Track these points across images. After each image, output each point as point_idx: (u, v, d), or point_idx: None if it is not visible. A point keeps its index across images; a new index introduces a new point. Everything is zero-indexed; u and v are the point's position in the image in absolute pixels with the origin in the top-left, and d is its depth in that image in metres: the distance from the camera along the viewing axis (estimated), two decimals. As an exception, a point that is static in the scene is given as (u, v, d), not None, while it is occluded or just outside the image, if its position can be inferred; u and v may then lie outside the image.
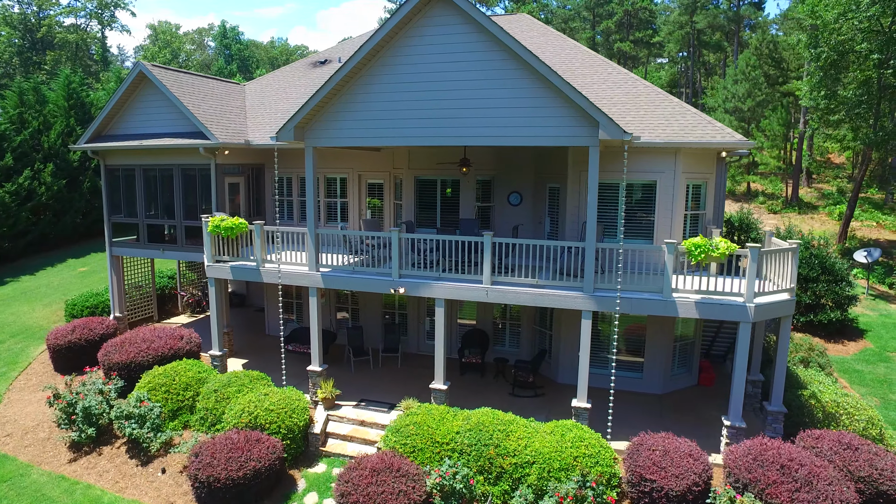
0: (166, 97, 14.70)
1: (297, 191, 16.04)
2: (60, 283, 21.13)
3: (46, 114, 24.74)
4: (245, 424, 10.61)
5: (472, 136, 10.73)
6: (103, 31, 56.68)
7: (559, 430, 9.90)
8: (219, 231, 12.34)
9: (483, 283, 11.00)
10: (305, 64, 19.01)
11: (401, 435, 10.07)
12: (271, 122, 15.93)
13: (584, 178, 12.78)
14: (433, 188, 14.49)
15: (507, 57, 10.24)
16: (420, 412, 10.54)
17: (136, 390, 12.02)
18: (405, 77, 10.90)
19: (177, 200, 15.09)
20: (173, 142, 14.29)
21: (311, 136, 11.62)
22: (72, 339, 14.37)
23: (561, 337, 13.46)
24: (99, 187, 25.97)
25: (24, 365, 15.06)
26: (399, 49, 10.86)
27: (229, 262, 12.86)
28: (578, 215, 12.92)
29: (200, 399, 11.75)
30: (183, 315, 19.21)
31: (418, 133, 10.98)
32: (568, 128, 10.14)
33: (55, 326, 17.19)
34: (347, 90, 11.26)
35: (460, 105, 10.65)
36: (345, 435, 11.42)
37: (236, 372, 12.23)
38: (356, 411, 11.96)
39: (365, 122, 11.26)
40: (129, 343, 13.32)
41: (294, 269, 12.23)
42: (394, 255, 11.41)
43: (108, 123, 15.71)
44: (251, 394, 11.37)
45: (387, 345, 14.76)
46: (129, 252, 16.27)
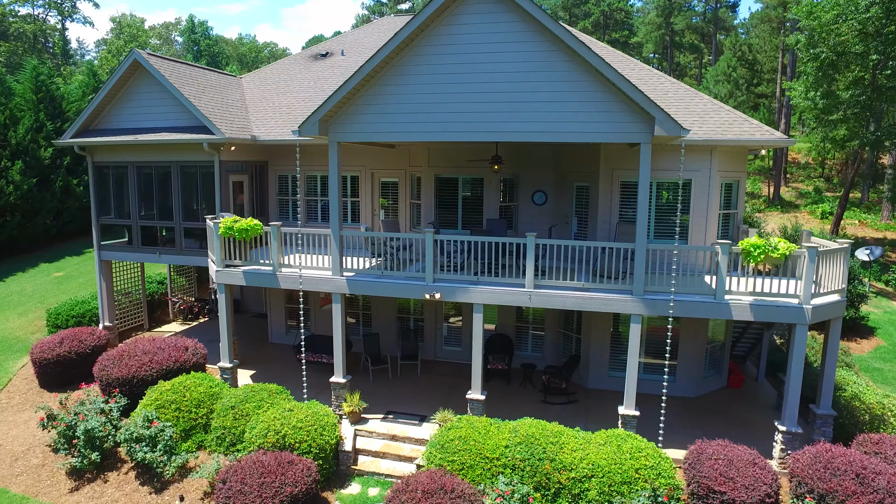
0: (164, 89, 13.58)
1: (303, 190, 15.11)
2: (35, 290, 19.51)
3: (13, 107, 22.86)
4: (272, 444, 9.74)
5: (512, 132, 10.13)
6: (63, 22, 53.59)
7: (613, 440, 9.42)
8: (232, 233, 11.37)
9: (525, 287, 10.42)
10: (305, 57, 18.04)
11: (446, 451, 9.39)
12: (275, 116, 14.96)
13: (616, 177, 12.37)
14: (454, 187, 13.82)
15: (554, 48, 9.68)
16: (462, 425, 9.88)
17: (141, 408, 10.96)
18: (440, 68, 10.21)
19: (175, 200, 13.98)
20: (174, 136, 13.19)
21: (335, 131, 10.80)
22: (60, 352, 13.10)
23: (591, 341, 13.02)
24: (72, 187, 24.24)
25: (4, 382, 13.68)
26: (434, 38, 10.16)
27: (241, 267, 11.89)
28: (610, 215, 12.50)
29: (215, 417, 10.79)
30: (175, 322, 17.98)
31: (453, 128, 10.31)
32: (619, 123, 9.66)
33: (39, 338, 15.81)
34: (376, 82, 10.50)
35: (500, 99, 10.03)
36: (376, 451, 10.66)
37: (252, 386, 11.30)
38: (385, 425, 11.21)
39: (394, 115, 10.52)
40: (128, 356, 12.19)
41: (315, 274, 11.38)
42: (428, 258, 10.70)
43: (97, 117, 14.45)
44: (272, 410, 10.49)
45: (404, 352, 14.01)
46: (120, 256, 15.02)
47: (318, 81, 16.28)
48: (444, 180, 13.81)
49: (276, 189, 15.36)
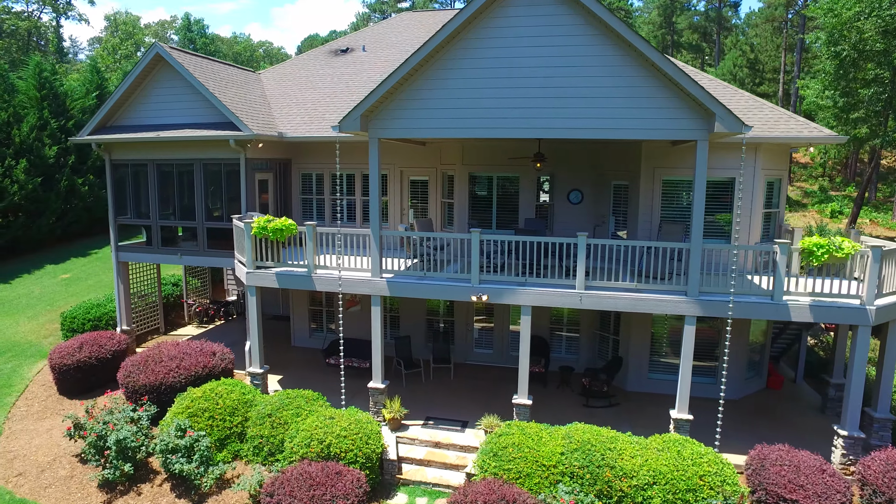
0: (187, 84, 13.09)
1: (328, 188, 14.68)
2: (43, 293, 18.91)
3: (16, 105, 22.18)
4: (316, 454, 9.32)
5: (560, 129, 9.77)
6: (58, 19, 52.55)
7: (672, 445, 9.10)
8: (265, 233, 10.93)
9: (576, 289, 10.08)
10: (324, 52, 17.60)
11: (500, 459, 9.02)
12: (300, 113, 14.52)
13: (658, 176, 12.08)
14: (488, 186, 13.46)
15: (608, 41, 9.35)
16: (514, 432, 9.52)
17: (171, 416, 10.49)
18: (486, 62, 9.83)
19: (198, 199, 13.49)
20: (199, 133, 12.71)
21: (376, 127, 10.40)
22: (80, 357, 12.58)
23: (630, 342, 12.71)
24: (77, 186, 23.60)
25: (20, 388, 13.13)
26: (481, 31, 9.79)
27: (274, 269, 11.44)
28: (651, 215, 12.20)
29: (251, 425, 10.35)
30: (190, 325, 17.48)
31: (499, 124, 9.94)
32: (675, 120, 9.34)
33: (52, 343, 15.28)
34: (420, 76, 10.11)
35: (549, 94, 9.68)
36: (420, 459, 10.27)
37: (287, 392, 10.87)
38: (426, 431, 10.83)
39: (438, 111, 10.13)
40: (154, 361, 11.71)
41: (353, 276, 10.96)
42: (474, 258, 10.33)
43: (115, 113, 13.94)
44: (312, 418, 10.06)
45: (436, 355, 13.63)
46: (138, 257, 14.50)
47: (342, 77, 15.85)
48: (479, 179, 13.45)
49: (300, 188, 14.91)
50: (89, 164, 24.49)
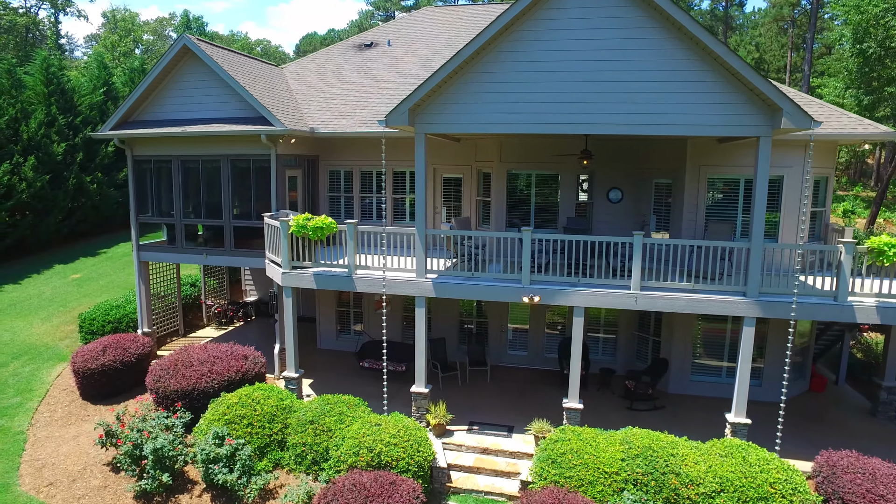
0: (214, 77, 12.64)
1: (357, 186, 14.25)
2: (54, 293, 18.35)
3: (24, 101, 21.56)
4: (366, 463, 8.92)
5: (614, 125, 9.43)
6: (56, 15, 51.66)
7: (735, 451, 8.77)
8: (304, 232, 10.51)
9: (631, 290, 9.73)
10: (348, 47, 17.17)
11: (560, 466, 8.66)
12: (329, 108, 14.08)
13: (703, 174, 11.77)
14: (527, 183, 13.10)
15: (667, 34, 9.01)
16: (570, 437, 9.17)
17: (205, 423, 10.06)
18: (539, 55, 9.47)
19: (224, 197, 13.04)
20: (229, 128, 12.26)
21: (422, 122, 10.00)
22: (104, 361, 12.10)
23: (672, 344, 12.39)
24: (85, 184, 23.00)
25: (41, 393, 12.63)
26: (534, 24, 9.42)
27: (311, 269, 11.02)
28: (696, 214, 11.88)
29: (292, 432, 9.92)
30: (209, 327, 17.00)
31: (551, 119, 9.59)
32: (737, 115, 9.02)
33: (69, 345, 14.76)
34: (470, 69, 9.72)
35: (603, 89, 9.34)
36: (469, 466, 9.88)
37: (327, 397, 10.46)
38: (472, 437, 10.45)
39: (487, 105, 9.76)
40: (184, 365, 11.25)
41: (396, 276, 10.56)
42: (525, 258, 9.96)
43: (137, 108, 13.46)
44: (356, 424, 9.66)
45: (472, 357, 13.25)
46: (160, 257, 14.02)
47: (369, 72, 15.43)
48: (517, 176, 13.08)
49: (327, 185, 14.48)
50: (97, 161, 23.90)
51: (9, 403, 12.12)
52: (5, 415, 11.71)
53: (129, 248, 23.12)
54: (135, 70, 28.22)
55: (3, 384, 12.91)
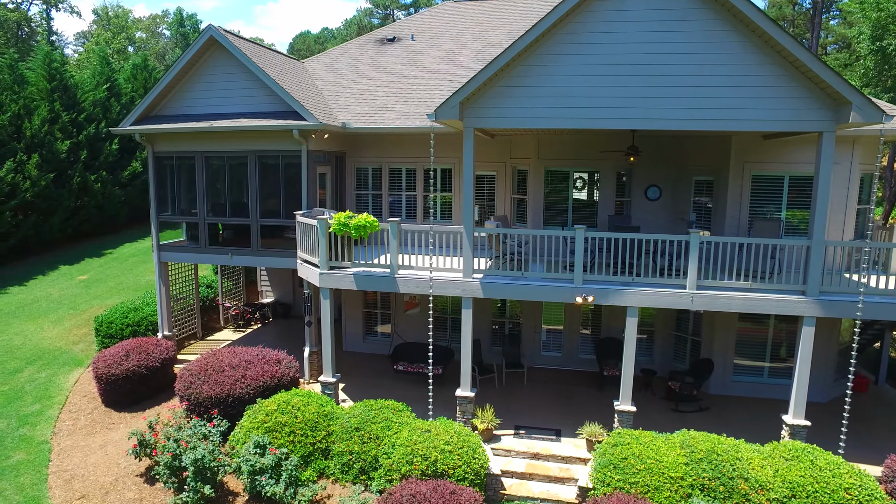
0: (243, 70, 12.18)
1: (386, 183, 13.85)
2: (62, 295, 17.72)
3: (26, 97, 20.85)
4: (421, 472, 8.54)
5: (669, 120, 9.15)
6: (48, 11, 50.51)
7: (801, 454, 8.51)
8: (346, 231, 10.10)
9: (687, 289, 9.45)
10: (369, 41, 16.75)
11: (623, 471, 8.34)
12: (358, 103, 13.67)
13: (748, 171, 11.54)
14: (564, 181, 12.79)
15: (730, 27, 8.74)
16: (628, 441, 8.86)
17: (243, 431, 9.62)
18: (594, 48, 9.15)
19: (251, 195, 12.58)
20: (260, 123, 11.80)
21: (471, 116, 9.64)
22: (128, 366, 11.59)
23: (713, 343, 12.15)
24: (89, 183, 22.34)
25: (61, 400, 12.08)
26: (590, 15, 9.10)
27: (350, 269, 10.60)
28: (740, 212, 11.65)
29: (336, 440, 9.51)
30: (226, 330, 16.49)
31: (604, 114, 9.28)
32: (800, 110, 8.77)
33: (83, 349, 14.21)
34: (521, 62, 9.38)
35: (659, 83, 9.05)
36: (521, 472, 9.54)
37: (370, 403, 10.06)
38: (521, 441, 10.11)
39: (539, 99, 9.42)
40: (215, 371, 10.78)
41: (441, 277, 10.18)
42: (578, 256, 9.64)
43: (159, 103, 12.94)
44: (405, 431, 9.28)
45: (508, 359, 12.91)
46: (182, 257, 13.52)
47: (395, 67, 15.03)
48: (555, 174, 12.76)
49: (354, 182, 14.06)
50: (101, 159, 23.24)
51: (29, 411, 11.57)
52: (26, 423, 11.16)
53: (136, 249, 22.50)
54: (137, 66, 27.53)
55: (20, 391, 12.34)
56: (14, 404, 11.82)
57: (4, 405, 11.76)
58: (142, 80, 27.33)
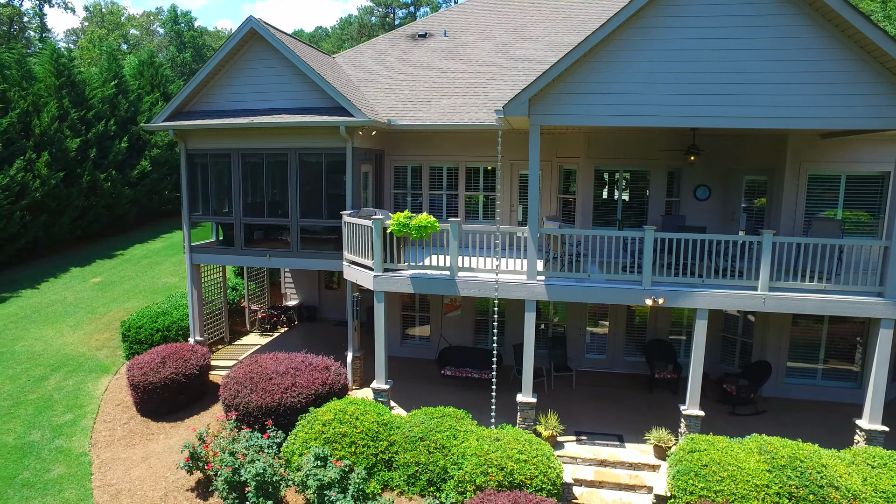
0: (283, 65, 11.73)
1: (426, 182, 13.47)
2: (78, 298, 17.07)
3: (35, 93, 20.10)
4: (497, 482, 8.18)
5: (743, 117, 8.90)
6: (41, 7, 49.25)
7: (890, 461, 8.30)
8: (406, 231, 9.71)
9: (758, 290, 9.21)
10: (400, 37, 16.35)
11: (705, 479, 8.06)
12: (399, 99, 13.28)
13: (804, 170, 11.35)
14: (613, 180, 12.51)
15: (810, 22, 8.50)
16: (704, 447, 8.59)
17: (298, 442, 9.19)
18: (667, 44, 8.88)
19: (291, 194, 12.12)
20: (303, 119, 11.35)
21: (538, 113, 9.31)
22: (166, 374, 11.08)
23: (766, 345, 11.95)
24: (99, 182, 21.64)
25: (93, 409, 11.53)
26: (664, 10, 8.82)
27: (407, 272, 10.21)
28: (796, 211, 11.46)
29: (400, 450, 9.11)
30: (253, 334, 15.98)
31: (675, 112, 9.02)
32: (884, 107, 8.55)
33: (108, 355, 13.65)
34: (590, 58, 9.07)
35: (734, 80, 8.81)
36: (591, 480, 9.24)
37: (428, 410, 9.70)
38: (585, 448, 9.80)
39: (608, 96, 9.13)
40: (262, 378, 10.32)
41: (503, 279, 9.83)
42: (646, 258, 9.35)
43: (193, 98, 12.42)
44: (472, 439, 8.92)
45: (556, 362, 12.60)
46: (216, 259, 13.01)
47: (433, 63, 14.66)
48: (605, 172, 12.48)
49: (392, 182, 13.67)
50: (110, 158, 22.53)
51: (62, 421, 11.01)
52: (62, 434, 10.61)
53: (148, 250, 21.86)
54: (143, 63, 26.82)
55: (49, 399, 11.76)
56: (45, 414, 11.25)
57: (35, 415, 11.18)
58: (148, 76, 26.63)
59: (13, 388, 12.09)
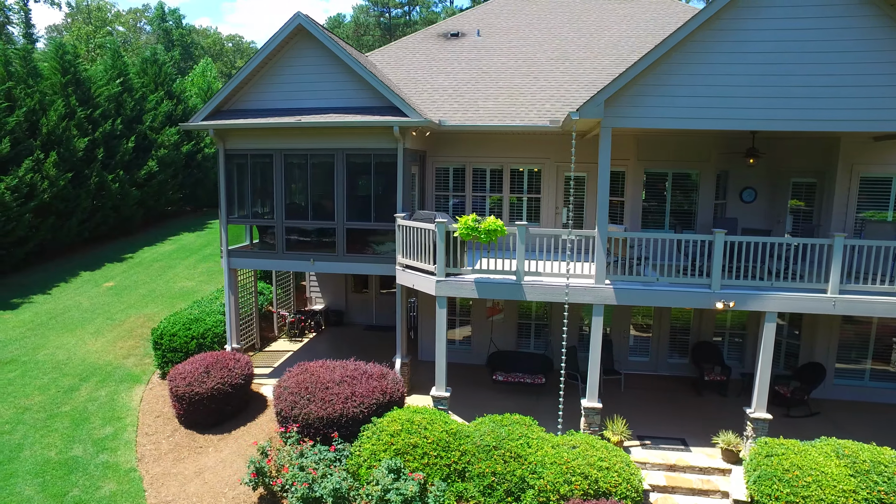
0: (332, 63, 11.41)
1: (469, 184, 13.25)
2: (93, 304, 16.43)
3: (41, 91, 19.31)
4: (583, 492, 8.01)
5: (819, 120, 8.90)
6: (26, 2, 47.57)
7: (963, 465, 8.35)
8: (475, 235, 9.47)
9: (828, 293, 9.21)
10: (431, 36, 16.09)
11: (790, 484, 8.00)
12: (442, 99, 13.03)
13: (856, 172, 11.42)
14: (662, 183, 12.45)
15: (888, 23, 8.52)
16: (781, 451, 8.54)
17: (366, 454, 8.89)
18: (743, 46, 8.83)
19: (338, 196, 11.79)
20: (355, 119, 11.03)
21: (610, 115, 9.16)
22: (212, 385, 10.66)
23: (815, 346, 12.01)
24: (107, 183, 20.92)
25: (132, 421, 11.05)
26: (739, 12, 8.76)
27: (471, 276, 9.98)
28: (847, 214, 11.53)
29: (473, 460, 8.87)
30: (281, 340, 15.57)
31: (748, 115, 8.98)
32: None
33: (136, 363, 13.17)
34: (663, 61, 8.97)
35: (809, 82, 8.78)
36: (664, 486, 9.12)
37: (495, 418, 9.48)
38: (651, 453, 9.69)
39: (682, 99, 9.04)
40: (318, 388, 9.95)
41: (573, 283, 9.67)
42: (716, 261, 9.27)
43: (233, 97, 12.00)
44: (547, 448, 8.74)
45: (605, 366, 12.48)
46: (255, 264, 12.60)
47: (471, 63, 14.43)
48: (654, 175, 12.41)
49: (434, 183, 13.41)
50: (117, 158, 21.80)
51: (103, 434, 10.51)
52: (105, 448, 10.12)
53: (158, 253, 21.22)
54: (147, 60, 26.04)
55: (84, 411, 11.24)
56: (83, 427, 10.73)
57: (73, 428, 10.66)
58: (152, 74, 25.87)
59: (44, 400, 11.53)
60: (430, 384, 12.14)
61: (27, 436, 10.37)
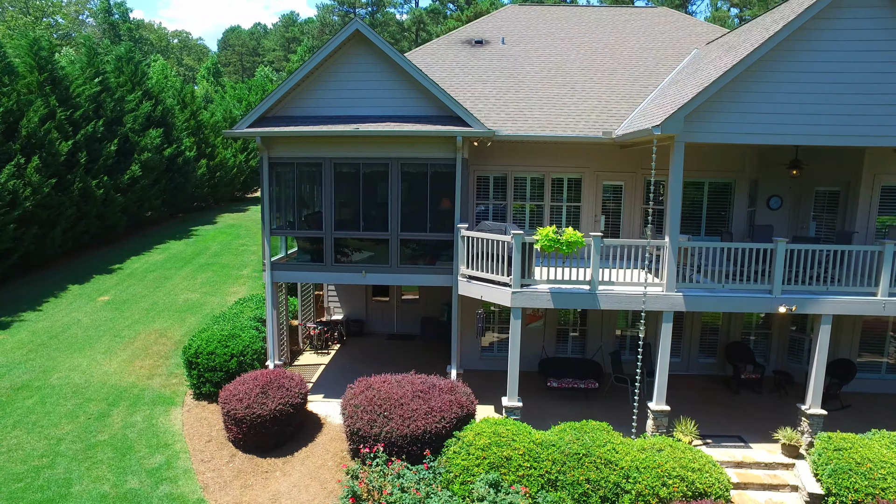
0: (386, 70, 11.19)
1: (511, 193, 13.33)
2: (93, 321, 15.26)
3: (18, 89, 17.69)
4: (682, 494, 8.28)
5: (883, 136, 9.60)
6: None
7: None
8: (557, 247, 9.56)
9: (878, 296, 9.96)
10: (455, 42, 16.02)
11: (866, 476, 8.61)
12: (485, 108, 13.02)
13: (878, 182, 12.37)
14: (699, 191, 13.00)
15: (931, 47, 9.34)
16: (848, 446, 9.18)
17: (456, 470, 8.80)
18: (812, 66, 9.50)
19: (392, 206, 11.57)
20: (416, 128, 10.87)
21: (685, 130, 9.52)
22: (273, 406, 10.17)
23: (839, 342, 12.89)
24: (91, 189, 19.47)
25: (181, 447, 10.37)
26: (806, 33, 9.34)
27: (545, 287, 10.06)
28: (869, 221, 12.48)
29: (565, 469, 8.96)
30: (307, 353, 15.08)
31: (817, 131, 9.61)
32: None
33: (161, 383, 12.45)
34: (737, 77, 9.42)
35: (875, 101, 9.47)
36: (736, 483, 9.57)
37: (573, 425, 9.63)
38: (719, 451, 10.15)
39: (751, 115, 9.57)
40: (391, 404, 9.75)
41: (634, 291, 9.95)
42: (777, 267, 9.83)
43: (280, 103, 11.51)
44: (634, 452, 8.97)
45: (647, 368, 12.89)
46: (300, 277, 12.15)
47: (504, 71, 14.50)
48: (690, 184, 12.93)
49: (474, 191, 13.39)
50: (100, 162, 20.33)
51: (155, 464, 9.81)
52: (163, 479, 9.45)
53: (149, 263, 19.98)
54: (121, 58, 24.43)
55: (125, 439, 10.44)
56: (129, 457, 9.97)
57: (119, 458, 9.88)
58: (128, 73, 24.30)
59: (76, 429, 10.63)
60: (479, 393, 12.15)
61: (71, 469, 9.53)
